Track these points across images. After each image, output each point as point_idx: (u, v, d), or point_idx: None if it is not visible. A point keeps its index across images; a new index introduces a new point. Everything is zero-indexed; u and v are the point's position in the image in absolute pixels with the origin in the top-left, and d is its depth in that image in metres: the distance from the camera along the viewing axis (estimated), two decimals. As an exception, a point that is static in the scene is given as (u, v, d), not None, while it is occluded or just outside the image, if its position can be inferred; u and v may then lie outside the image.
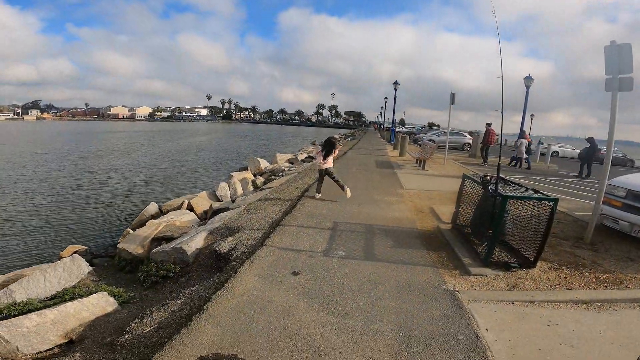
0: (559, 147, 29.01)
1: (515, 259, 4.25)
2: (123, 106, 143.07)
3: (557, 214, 6.85)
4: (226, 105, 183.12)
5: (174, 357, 2.45)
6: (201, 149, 36.10)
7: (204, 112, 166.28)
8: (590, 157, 14.34)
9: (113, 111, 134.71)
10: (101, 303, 3.89)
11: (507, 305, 3.35)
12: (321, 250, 4.56)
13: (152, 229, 6.39)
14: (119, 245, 6.03)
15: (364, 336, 2.76)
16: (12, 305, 4.02)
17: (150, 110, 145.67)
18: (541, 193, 4.20)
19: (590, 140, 14.34)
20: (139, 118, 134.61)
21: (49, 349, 3.25)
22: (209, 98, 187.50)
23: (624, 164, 23.51)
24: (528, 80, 18.73)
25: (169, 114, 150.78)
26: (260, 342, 2.61)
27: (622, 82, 4.67)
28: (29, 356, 3.14)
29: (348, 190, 7.15)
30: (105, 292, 4.11)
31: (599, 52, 4.92)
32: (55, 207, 12.09)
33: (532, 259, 4.15)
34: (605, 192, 5.24)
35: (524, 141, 16.49)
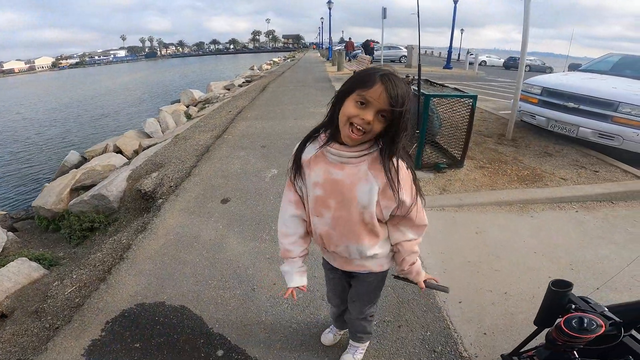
0: (487, 57, 32.73)
1: (444, 160, 4.34)
2: (17, 60, 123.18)
3: (482, 112, 7.25)
4: (147, 43, 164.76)
5: (94, 316, 2.23)
6: (126, 90, 32.70)
7: (122, 53, 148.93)
8: None
9: (7, 66, 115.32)
10: (24, 270, 3.47)
11: (439, 212, 3.35)
12: (253, 172, 4.36)
13: (69, 178, 5.68)
14: (34, 203, 5.32)
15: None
16: None
17: (53, 60, 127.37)
18: (462, 91, 4.17)
19: None
20: (40, 69, 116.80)
21: (-18, 328, 2.93)
22: (123, 39, 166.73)
23: (542, 71, 25.51)
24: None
25: (77, 61, 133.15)
26: (188, 285, 2.44)
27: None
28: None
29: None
30: (25, 258, 3.65)
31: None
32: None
33: (459, 158, 4.27)
34: (522, 91, 5.57)
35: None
